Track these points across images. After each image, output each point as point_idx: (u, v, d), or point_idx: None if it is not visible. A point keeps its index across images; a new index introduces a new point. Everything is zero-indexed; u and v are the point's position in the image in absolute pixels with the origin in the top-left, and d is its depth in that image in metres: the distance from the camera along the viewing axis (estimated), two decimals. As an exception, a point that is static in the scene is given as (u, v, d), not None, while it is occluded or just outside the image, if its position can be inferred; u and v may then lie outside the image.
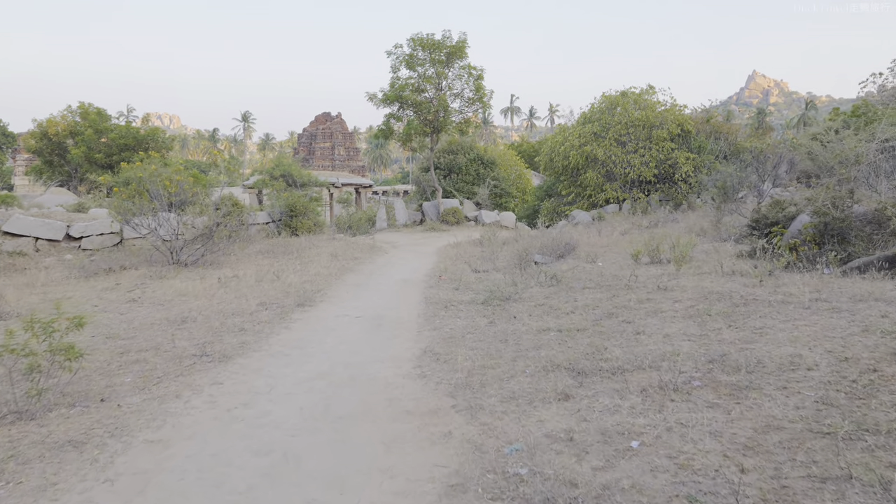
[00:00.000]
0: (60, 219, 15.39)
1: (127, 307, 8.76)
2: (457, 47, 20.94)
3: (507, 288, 8.64)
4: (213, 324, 7.44)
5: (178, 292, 9.63)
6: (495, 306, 7.80)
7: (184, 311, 8.23)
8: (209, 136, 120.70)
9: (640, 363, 4.84)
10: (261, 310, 8.23)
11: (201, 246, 12.56)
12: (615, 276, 8.88)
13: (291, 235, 17.82)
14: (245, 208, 17.23)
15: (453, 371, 5.26)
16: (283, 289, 9.72)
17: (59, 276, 11.82)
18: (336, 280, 10.68)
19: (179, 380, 5.33)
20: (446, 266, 11.94)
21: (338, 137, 79.19)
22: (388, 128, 22.57)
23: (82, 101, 29.23)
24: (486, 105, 22.24)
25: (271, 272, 11.26)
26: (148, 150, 28.59)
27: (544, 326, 6.45)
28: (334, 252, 14.00)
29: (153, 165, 12.27)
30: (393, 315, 7.87)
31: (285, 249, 14.60)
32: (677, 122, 21.97)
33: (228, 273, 11.32)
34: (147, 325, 7.57)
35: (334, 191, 39.97)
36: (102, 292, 10.06)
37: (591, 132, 22.27)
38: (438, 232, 20.28)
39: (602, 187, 22.41)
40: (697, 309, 6.25)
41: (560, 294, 8.15)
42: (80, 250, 14.80)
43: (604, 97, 23.54)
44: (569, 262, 11.08)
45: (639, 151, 21.78)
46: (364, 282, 10.69)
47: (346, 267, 12.18)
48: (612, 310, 6.84)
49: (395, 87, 21.38)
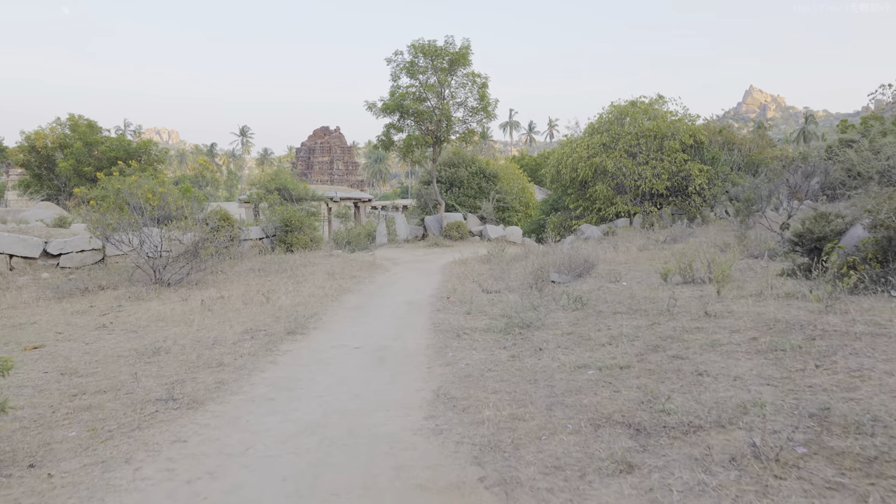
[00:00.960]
0: (38, 234, 14.37)
1: (95, 335, 7.72)
2: (460, 54, 19.97)
3: (527, 312, 7.62)
4: (189, 356, 6.40)
5: (156, 317, 8.59)
6: (516, 335, 6.76)
7: (157, 340, 7.19)
8: (207, 150, 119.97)
9: (715, 417, 3.80)
10: (245, 339, 7.18)
11: (186, 264, 11.54)
12: (648, 299, 7.85)
13: (286, 252, 16.81)
14: (236, 223, 16.23)
15: (475, 423, 4.22)
16: (273, 313, 8.68)
17: (29, 297, 10.77)
18: (333, 302, 9.64)
19: (135, 435, 4.28)
20: (454, 286, 10.91)
21: (336, 152, 78.45)
22: (388, 138, 21.46)
23: (72, 112, 28.33)
24: (490, 115, 21.20)
25: (261, 293, 10.23)
26: (140, 163, 27.72)
27: (579, 362, 5.41)
28: (331, 270, 12.97)
29: (133, 176, 11.25)
30: (398, 346, 6.83)
31: (279, 267, 13.57)
32: (690, 132, 21.06)
33: (214, 294, 10.28)
34: (112, 357, 6.53)
35: (332, 205, 39.02)
36: (73, 316, 9.02)
37: (600, 143, 21.33)
38: (442, 248, 19.22)
39: (612, 200, 21.43)
40: (764, 342, 5.22)
41: (589, 320, 7.12)
42: (59, 268, 13.76)
43: (612, 107, 22.63)
44: (589, 281, 10.05)
45: (650, 163, 20.84)
46: (364, 304, 9.65)
47: (344, 287, 11.14)
48: (655, 341, 5.81)
49: (396, 96, 20.36)
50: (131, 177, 11.37)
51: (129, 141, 28.80)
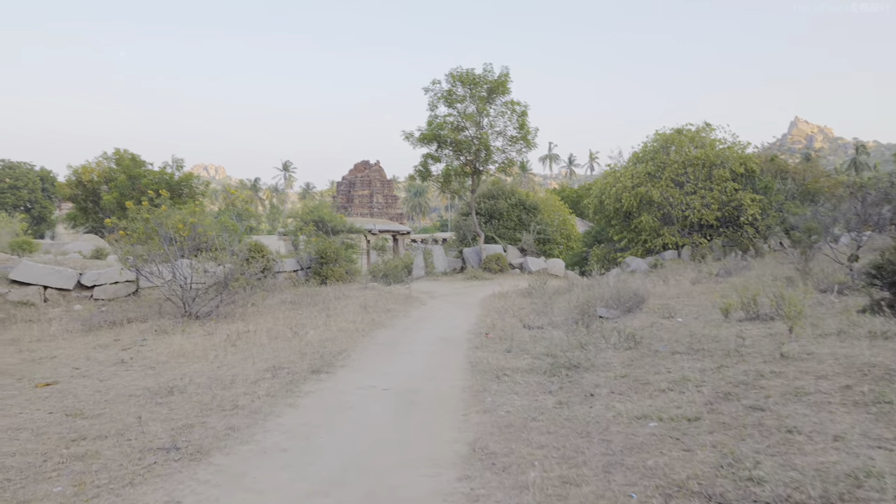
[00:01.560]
0: (74, 266, 14.29)
1: (111, 371, 7.28)
2: (498, 82, 19.52)
3: (574, 351, 6.89)
4: (203, 397, 5.87)
5: (177, 352, 8.13)
6: (562, 377, 6.04)
7: (175, 378, 6.70)
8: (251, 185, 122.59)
9: (820, 491, 3.03)
10: (266, 377, 6.63)
11: (216, 296, 11.15)
12: (709, 337, 7.03)
13: (321, 284, 16.40)
14: (270, 255, 15.92)
15: (518, 488, 3.53)
16: (300, 348, 8.14)
17: (56, 329, 10.51)
18: (363, 338, 9.05)
19: (124, 493, 3.72)
20: (493, 321, 10.22)
21: (376, 185, 79.04)
22: (426, 169, 21.05)
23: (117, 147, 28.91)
24: (530, 144, 20.55)
25: (290, 327, 9.73)
26: (181, 196, 27.97)
27: (638, 411, 4.68)
28: (365, 303, 12.43)
29: (163, 206, 10.99)
30: (430, 388, 6.17)
31: (311, 300, 13.11)
32: (740, 160, 20.08)
33: (241, 328, 9.82)
34: (124, 396, 6.05)
35: (371, 238, 38.87)
36: (94, 350, 8.65)
37: (645, 172, 20.50)
38: (481, 280, 18.54)
39: (658, 232, 20.48)
40: (862, 392, 4.40)
41: (644, 361, 6.35)
42: (92, 300, 13.60)
43: (657, 135, 21.83)
44: (640, 317, 9.26)
45: (698, 192, 19.89)
46: (396, 340, 9.03)
47: (377, 321, 10.57)
48: (726, 387, 5.02)
49: (433, 126, 19.98)
50: (161, 206, 11.11)
51: (171, 174, 29.18)
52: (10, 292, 12.86)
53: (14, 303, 12.66)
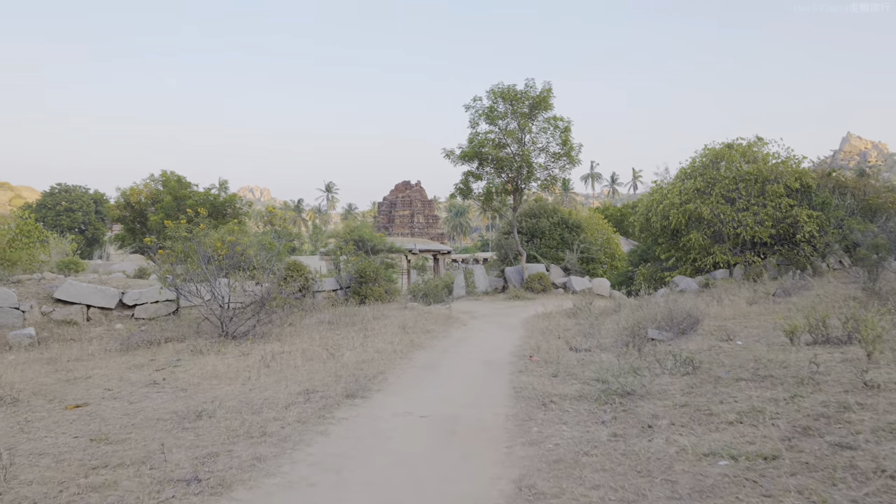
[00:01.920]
0: (116, 285, 14.39)
1: (143, 393, 7.08)
2: (541, 97, 19.10)
3: (626, 377, 6.37)
4: (232, 422, 5.56)
5: (210, 373, 7.90)
6: (615, 405, 5.53)
7: (205, 401, 6.44)
8: (294, 206, 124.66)
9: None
10: (298, 401, 6.30)
11: (252, 316, 10.96)
12: (776, 363, 6.43)
13: (360, 303, 16.15)
14: (310, 274, 15.77)
15: (572, 538, 3.07)
16: (335, 371, 7.81)
17: (95, 349, 10.47)
18: (401, 360, 8.67)
19: (136, 532, 3.41)
20: (537, 343, 9.72)
21: (417, 205, 79.23)
22: (467, 186, 20.68)
23: (164, 169, 29.51)
24: (573, 160, 19.97)
25: (326, 348, 9.44)
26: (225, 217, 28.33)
27: (704, 447, 4.16)
28: (404, 323, 12.09)
29: (202, 224, 10.91)
30: (471, 415, 5.73)
31: (350, 320, 12.83)
32: (795, 175, 19.15)
33: (277, 348, 9.57)
34: (152, 420, 5.79)
35: (411, 257, 38.73)
36: (129, 371, 8.50)
37: (694, 188, 19.71)
38: (523, 300, 18.00)
39: (709, 250, 19.62)
40: (973, 430, 3.80)
41: (705, 388, 5.80)
42: (133, 319, 13.63)
43: (706, 150, 21.03)
44: (696, 339, 8.65)
45: (751, 209, 19.01)
46: (436, 362, 8.63)
47: (416, 342, 10.19)
48: (804, 420, 4.46)
49: (474, 143, 19.66)
50: (200, 225, 11.03)
51: (215, 195, 29.63)
52: (54, 311, 12.98)
53: (58, 321, 12.75)
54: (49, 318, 12.84)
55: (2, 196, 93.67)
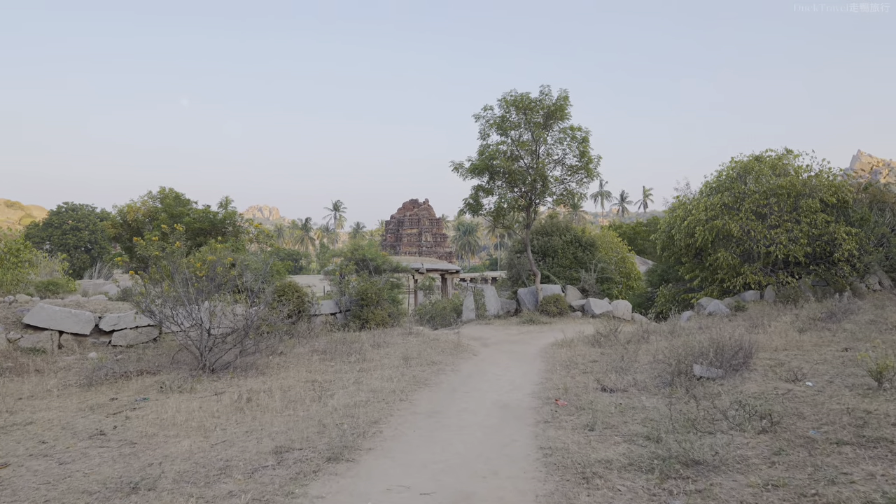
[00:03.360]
0: (94, 308, 13.12)
1: (82, 448, 5.74)
2: (557, 106, 17.71)
3: (685, 435, 4.97)
4: (176, 498, 4.22)
5: (171, 421, 6.56)
6: (682, 480, 4.15)
7: (152, 462, 5.10)
8: (302, 225, 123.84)
9: None
10: (268, 465, 4.95)
11: (234, 346, 9.65)
12: (878, 417, 5.02)
13: (360, 328, 14.80)
14: (306, 296, 14.46)
15: None
16: (321, 418, 6.45)
17: (55, 384, 9.16)
18: (401, 402, 7.28)
19: None
20: (561, 380, 8.31)
21: (425, 224, 78.11)
22: (476, 202, 19.11)
23: (163, 185, 28.45)
24: (591, 173, 18.35)
25: (315, 385, 8.09)
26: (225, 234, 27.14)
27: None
28: (406, 353, 10.72)
29: (178, 242, 9.63)
30: (489, 494, 4.32)
31: (347, 348, 11.43)
32: (832, 189, 17.73)
33: (257, 385, 8.22)
34: (75, 494, 4.46)
35: (418, 277, 37.38)
36: (79, 414, 7.18)
37: (721, 203, 18.29)
38: (538, 325, 16.54)
39: (738, 269, 18.16)
40: None
41: (797, 457, 4.40)
42: (110, 346, 12.35)
43: (733, 163, 19.63)
44: (754, 378, 7.23)
45: (783, 225, 17.58)
46: (442, 407, 7.23)
47: (420, 378, 8.80)
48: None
49: (485, 155, 18.24)
50: (176, 242, 9.76)
51: (214, 213, 28.49)
52: (22, 338, 11.73)
53: (25, 350, 11.48)
54: (16, 346, 11.59)
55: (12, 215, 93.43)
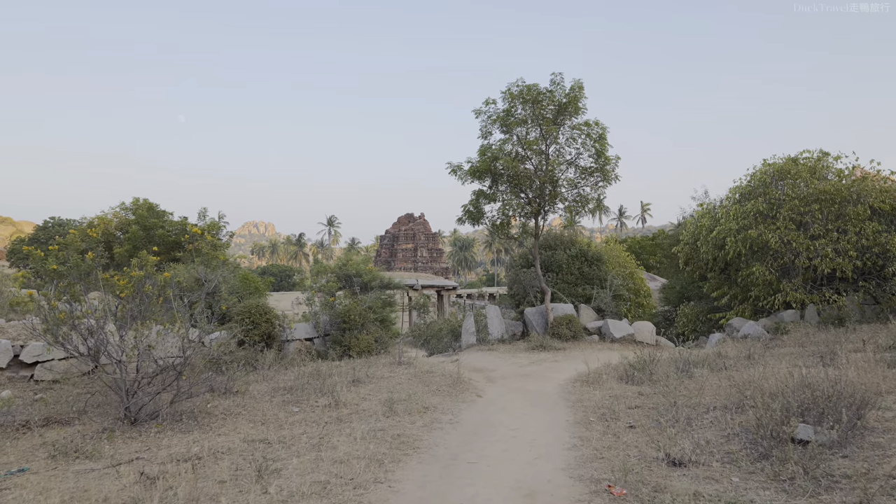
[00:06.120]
0: (16, 335, 10.83)
1: None
2: (570, 98, 15.35)
3: None
4: None
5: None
6: None
7: None
8: (296, 240, 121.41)
9: None
10: None
11: (165, 389, 7.34)
12: None
13: (342, 356, 12.49)
14: (276, 319, 12.16)
15: None
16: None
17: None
18: (376, 486, 4.95)
19: None
20: (604, 443, 5.99)
21: (420, 239, 75.91)
22: (477, 209, 16.56)
23: (137, 196, 26.34)
24: (608, 176, 15.84)
25: (264, 449, 5.77)
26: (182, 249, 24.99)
27: None
28: (391, 395, 8.36)
29: (90, 253, 7.35)
30: None
31: (320, 385, 9.06)
32: (883, 194, 15.58)
33: (183, 448, 5.90)
34: None
35: (413, 294, 35.07)
36: None
37: (755, 211, 16.10)
38: (550, 352, 14.06)
39: (775, 286, 15.92)
40: None
41: None
42: (32, 382, 10.05)
43: (766, 165, 17.40)
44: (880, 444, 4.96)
45: (828, 235, 15.40)
46: (437, 494, 4.89)
47: (406, 437, 6.45)
48: None
49: (487, 155, 15.79)
50: (89, 253, 7.48)
51: (192, 224, 26.23)
52: (-83, 373, 9.44)
53: (-81, 388, 9.20)
54: None
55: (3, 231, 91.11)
